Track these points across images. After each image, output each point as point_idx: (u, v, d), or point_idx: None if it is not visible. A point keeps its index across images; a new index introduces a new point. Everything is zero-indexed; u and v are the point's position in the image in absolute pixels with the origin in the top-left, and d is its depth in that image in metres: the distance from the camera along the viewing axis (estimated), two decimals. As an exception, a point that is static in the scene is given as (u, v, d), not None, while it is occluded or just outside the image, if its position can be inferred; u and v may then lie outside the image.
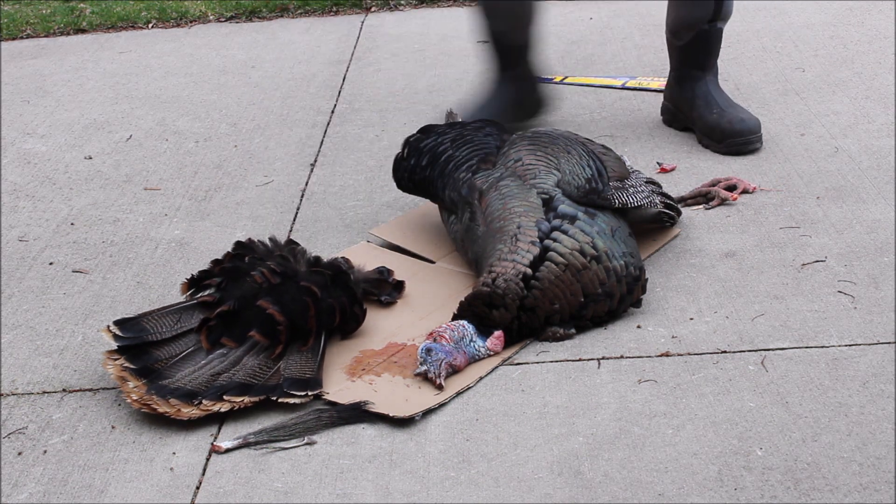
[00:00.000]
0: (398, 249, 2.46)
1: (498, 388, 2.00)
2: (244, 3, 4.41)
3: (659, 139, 2.94)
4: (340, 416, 1.94)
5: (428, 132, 2.51)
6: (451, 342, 2.03)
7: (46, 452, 1.94)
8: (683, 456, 1.79)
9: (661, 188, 2.44)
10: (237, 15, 4.37)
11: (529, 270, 2.08)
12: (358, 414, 1.94)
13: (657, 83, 3.27)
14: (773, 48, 3.51)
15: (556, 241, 2.11)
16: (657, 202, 2.34)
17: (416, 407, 1.94)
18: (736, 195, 2.57)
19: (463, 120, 2.82)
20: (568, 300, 2.10)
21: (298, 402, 1.97)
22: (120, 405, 2.04)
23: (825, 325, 2.09)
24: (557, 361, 2.06)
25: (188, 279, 2.20)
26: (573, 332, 2.12)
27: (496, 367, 2.06)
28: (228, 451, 1.89)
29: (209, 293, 2.15)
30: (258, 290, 2.09)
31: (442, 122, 2.69)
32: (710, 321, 2.13)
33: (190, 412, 1.94)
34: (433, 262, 2.40)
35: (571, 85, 3.33)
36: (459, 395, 1.99)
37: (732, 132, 2.81)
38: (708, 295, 2.22)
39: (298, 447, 1.89)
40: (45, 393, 2.10)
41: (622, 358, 2.05)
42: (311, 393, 1.98)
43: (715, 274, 2.29)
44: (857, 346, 2.03)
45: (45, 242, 2.67)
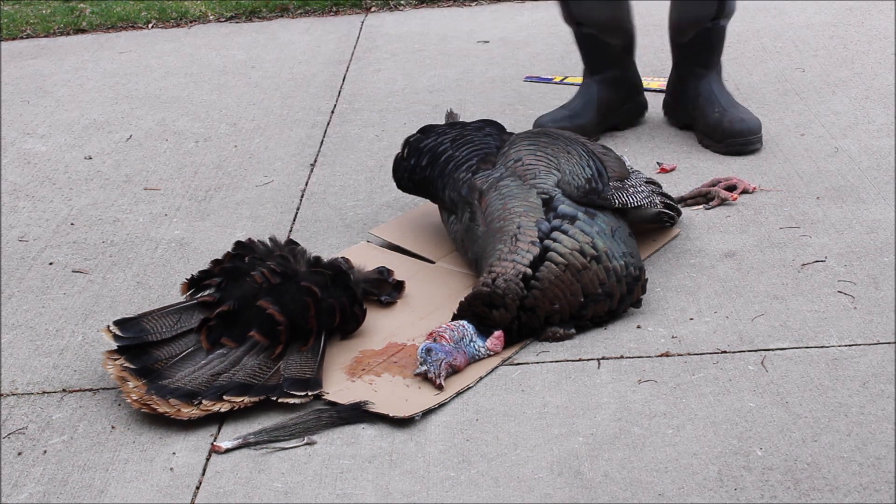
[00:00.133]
0: (398, 249, 2.46)
1: (498, 388, 2.00)
2: (244, 3, 4.41)
3: (659, 139, 2.94)
4: (340, 416, 1.94)
5: (428, 132, 2.51)
6: (451, 342, 2.03)
7: (46, 452, 1.94)
8: (683, 456, 1.79)
9: (661, 188, 2.44)
10: (237, 15, 4.37)
11: (529, 270, 2.08)
12: (358, 414, 1.94)
13: (657, 83, 3.27)
14: (773, 48, 3.51)
15: (556, 241, 2.11)
16: (657, 202, 2.33)
17: (416, 407, 1.94)
18: (736, 195, 2.57)
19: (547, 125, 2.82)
20: (568, 300, 2.10)
21: (298, 402, 1.97)
22: (120, 405, 2.04)
23: (825, 325, 2.09)
24: (557, 361, 2.06)
25: (188, 279, 2.20)
26: (573, 332, 2.12)
27: (496, 367, 2.06)
28: (228, 451, 1.89)
29: (209, 293, 2.15)
30: (258, 290, 2.09)
31: (442, 122, 2.69)
32: (710, 321, 2.13)
33: (190, 412, 1.94)
34: (433, 262, 2.40)
35: (571, 85, 3.32)
36: (459, 395, 1.99)
37: (732, 132, 2.79)
38: (708, 295, 2.22)
39: (298, 447, 1.89)
40: (45, 393, 2.10)
41: (622, 358, 2.05)
42: (311, 393, 1.98)
43: (715, 274, 2.29)
44: (857, 346, 2.03)
45: (45, 242, 2.67)
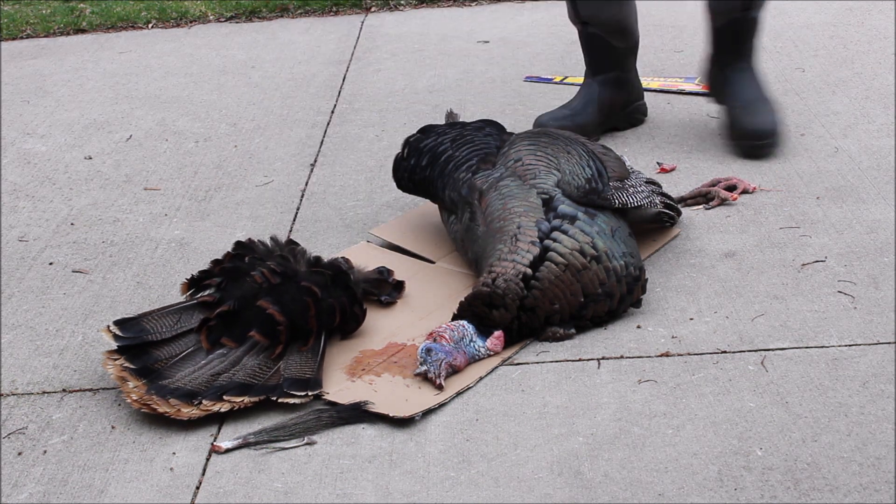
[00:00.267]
0: (398, 249, 2.46)
1: (498, 388, 2.00)
2: (244, 3, 4.41)
3: (659, 139, 2.94)
4: (340, 416, 1.94)
5: (428, 132, 2.51)
6: (451, 342, 2.03)
7: (46, 452, 1.94)
8: (683, 456, 1.79)
9: (661, 188, 2.44)
10: (237, 15, 4.37)
11: (529, 270, 2.08)
12: (358, 414, 1.94)
13: (657, 83, 3.27)
14: (773, 48, 3.51)
15: (556, 241, 2.11)
16: (657, 202, 2.33)
17: (416, 407, 1.94)
18: (736, 195, 2.57)
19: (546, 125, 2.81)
20: (568, 300, 2.10)
21: (298, 402, 1.97)
22: (120, 405, 2.04)
23: (825, 325, 2.09)
24: (557, 361, 2.06)
25: (188, 279, 2.20)
26: (573, 332, 2.12)
27: (496, 367, 2.06)
28: (228, 451, 1.89)
29: (209, 293, 2.15)
30: (258, 290, 2.09)
31: (442, 122, 2.69)
32: (710, 321, 2.13)
33: (190, 412, 1.94)
34: (433, 262, 2.40)
35: (571, 85, 3.32)
36: (459, 395, 1.99)
37: (744, 132, 2.75)
38: (708, 295, 2.22)
39: (298, 447, 1.89)
40: (45, 393, 2.10)
41: (622, 358, 2.05)
42: (311, 393, 1.98)
43: (715, 274, 2.29)
44: (857, 346, 2.03)
45: (45, 242, 2.67)
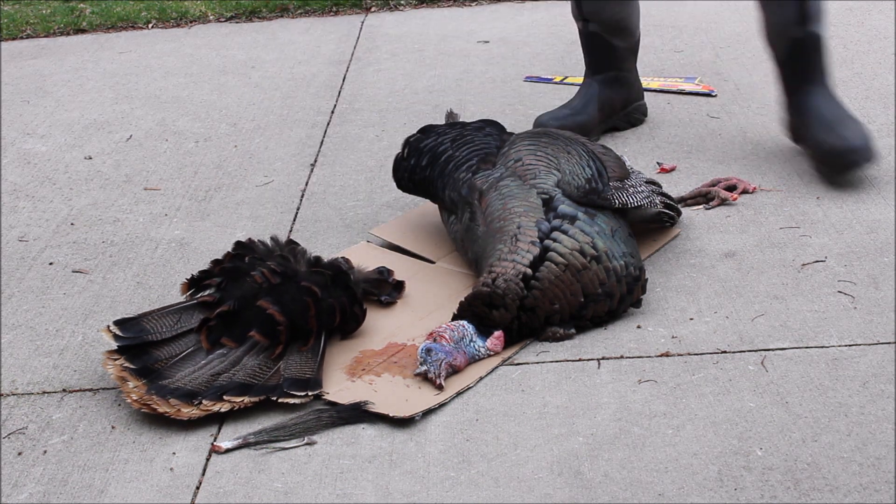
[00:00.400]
0: (398, 249, 2.46)
1: (498, 388, 2.00)
2: (244, 3, 4.41)
3: (659, 139, 2.94)
4: (340, 416, 1.94)
5: (428, 132, 2.51)
6: (451, 342, 2.03)
7: (46, 452, 1.94)
8: (683, 456, 1.79)
9: (661, 188, 2.44)
10: (237, 15, 4.37)
11: (529, 270, 2.08)
12: (358, 414, 1.94)
13: (657, 83, 3.27)
14: (773, 48, 3.51)
15: (556, 241, 2.11)
16: (657, 202, 2.33)
17: (416, 407, 1.94)
18: (736, 195, 2.57)
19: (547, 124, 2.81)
20: (568, 300, 2.10)
21: (298, 402, 1.97)
22: (120, 405, 2.04)
23: (825, 325, 2.09)
24: (557, 361, 2.06)
25: (188, 279, 2.20)
26: (573, 332, 2.12)
27: (496, 367, 2.06)
28: (228, 451, 1.89)
29: (209, 293, 2.15)
30: (258, 290, 2.09)
31: (442, 122, 2.69)
32: (710, 321, 2.13)
33: (190, 412, 1.94)
34: (433, 262, 2.40)
35: (571, 85, 3.32)
36: (459, 395, 1.99)
37: (831, 152, 2.56)
38: (708, 295, 2.22)
39: (298, 447, 1.89)
40: (45, 393, 2.10)
41: (622, 358, 2.05)
42: (311, 393, 1.98)
43: (715, 274, 2.29)
44: (857, 346, 2.03)
45: (45, 242, 2.67)
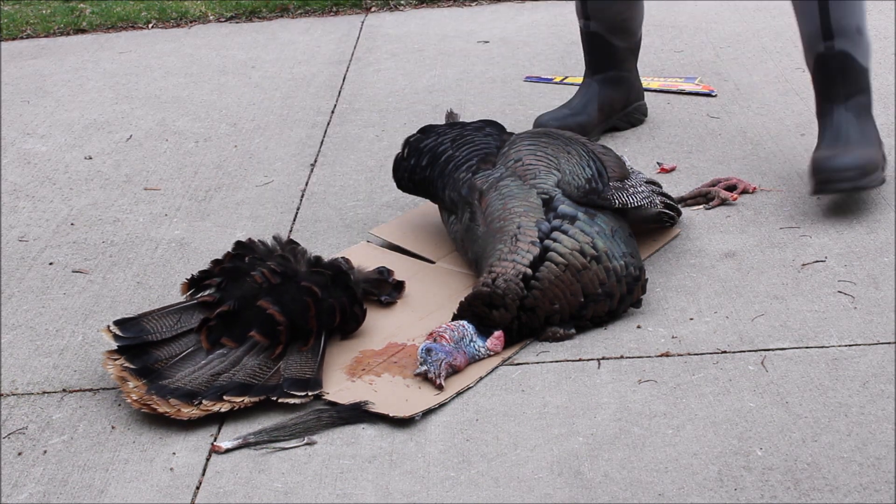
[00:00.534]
0: (398, 249, 2.46)
1: (498, 388, 2.00)
2: (244, 3, 4.41)
3: (659, 139, 2.94)
4: (340, 416, 1.94)
5: (428, 132, 2.51)
6: (451, 342, 2.03)
7: (46, 452, 1.94)
8: (683, 456, 1.79)
9: (661, 188, 2.44)
10: (237, 15, 4.37)
11: (529, 270, 2.08)
12: (358, 414, 1.94)
13: (657, 83, 3.27)
14: (773, 48, 3.51)
15: (556, 241, 2.11)
16: (657, 202, 2.33)
17: (416, 407, 1.94)
18: (736, 195, 2.57)
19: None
20: (568, 300, 2.10)
21: (298, 402, 1.97)
22: (120, 405, 2.04)
23: (825, 325, 2.09)
24: (557, 361, 2.06)
25: (188, 279, 2.20)
26: (573, 332, 2.12)
27: (496, 367, 2.06)
28: (228, 451, 1.89)
29: (209, 293, 2.15)
30: (258, 290, 2.09)
31: (442, 122, 2.69)
32: (710, 321, 2.13)
33: (190, 412, 1.94)
34: (433, 262, 2.40)
35: (571, 85, 3.32)
36: (459, 395, 1.99)
37: (817, 168, 2.44)
38: (708, 295, 2.22)
39: (298, 447, 1.89)
40: (45, 393, 2.10)
41: (622, 358, 2.05)
42: (311, 393, 1.98)
43: (715, 274, 2.29)
44: (857, 346, 2.02)
45: (45, 242, 2.67)
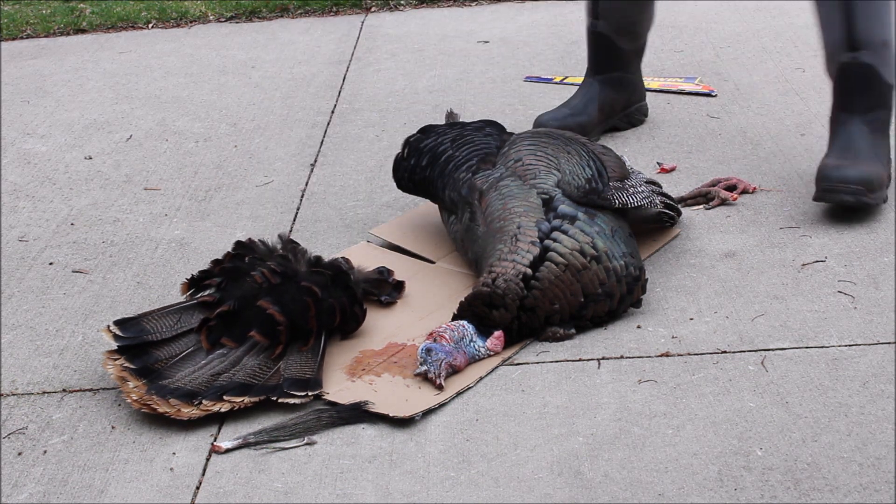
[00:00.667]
0: (398, 249, 2.46)
1: (498, 388, 2.00)
2: (244, 3, 4.41)
3: (659, 139, 2.94)
4: (340, 416, 1.94)
5: (428, 132, 2.51)
6: (451, 342, 2.03)
7: (46, 452, 1.94)
8: (683, 456, 1.79)
9: (661, 188, 2.44)
10: (237, 15, 4.37)
11: (529, 270, 2.08)
12: (358, 414, 1.94)
13: (657, 83, 3.27)
14: (773, 48, 3.51)
15: (556, 241, 2.11)
16: (657, 202, 2.33)
17: (416, 407, 1.94)
18: (736, 195, 2.57)
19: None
20: (568, 300, 2.10)
21: (298, 402, 1.97)
22: (120, 405, 2.04)
23: (825, 325, 2.09)
24: (557, 361, 2.06)
25: (188, 279, 2.20)
26: (573, 332, 2.12)
27: (496, 367, 2.06)
28: (228, 451, 1.89)
29: (209, 293, 2.15)
30: (258, 290, 2.09)
31: (442, 122, 2.69)
32: (710, 321, 2.13)
33: (190, 412, 1.94)
34: (433, 262, 2.40)
35: (571, 85, 3.32)
36: (459, 395, 1.99)
37: (822, 175, 2.44)
38: (708, 295, 2.22)
39: (298, 447, 1.89)
40: (45, 393, 2.10)
41: (622, 358, 2.05)
42: (311, 393, 1.98)
43: (715, 274, 2.29)
44: (857, 346, 2.03)
45: (45, 242, 2.67)
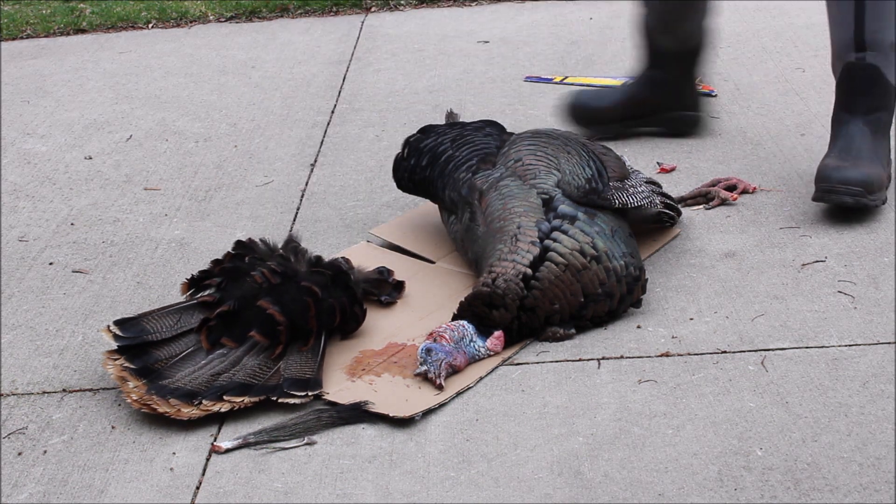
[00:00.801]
0: (398, 249, 2.46)
1: (498, 388, 2.00)
2: (244, 3, 4.41)
3: (659, 139, 2.94)
4: (340, 416, 1.94)
5: (428, 132, 2.51)
6: (451, 342, 2.03)
7: (46, 452, 1.94)
8: (683, 456, 1.79)
9: (661, 188, 2.44)
10: (237, 15, 4.37)
11: (529, 270, 2.08)
12: (358, 414, 1.94)
13: (657, 83, 3.27)
14: (773, 48, 3.51)
15: (556, 241, 2.11)
16: (657, 202, 2.33)
17: (416, 407, 1.94)
18: (736, 195, 2.57)
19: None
20: (568, 300, 2.10)
21: (298, 402, 1.97)
22: (120, 405, 2.04)
23: (825, 325, 2.09)
24: (557, 361, 2.06)
25: (188, 279, 2.20)
26: (573, 332, 2.12)
27: (496, 367, 2.06)
28: (228, 451, 1.89)
29: (209, 293, 2.15)
30: (258, 290, 2.09)
31: (442, 122, 2.69)
32: (710, 321, 2.13)
33: (190, 412, 1.94)
34: (433, 262, 2.40)
35: (571, 85, 3.33)
36: (459, 395, 1.99)
37: (821, 176, 2.44)
38: (708, 295, 2.22)
39: (298, 447, 1.89)
40: (45, 393, 2.10)
41: (622, 358, 2.05)
42: (311, 393, 1.98)
43: (715, 274, 2.29)
44: (857, 346, 2.02)
45: (45, 242, 2.67)
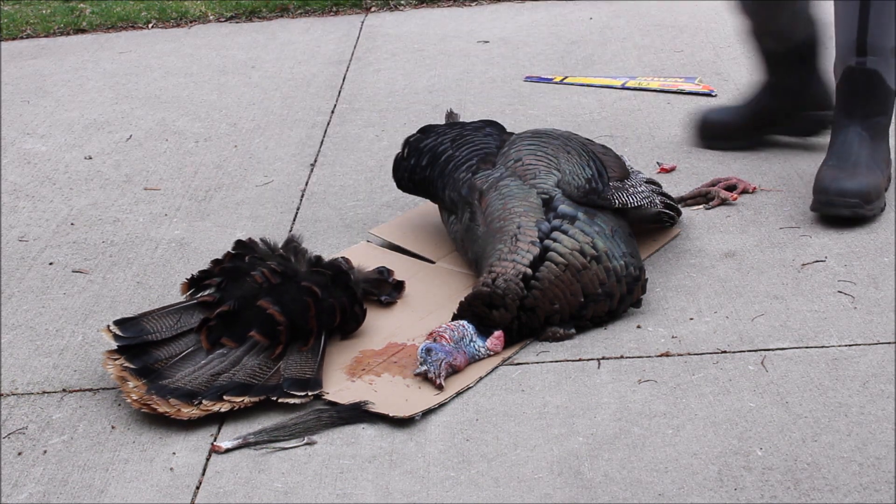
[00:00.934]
0: (398, 249, 2.46)
1: (498, 388, 2.00)
2: (244, 3, 4.41)
3: (659, 139, 2.94)
4: (340, 416, 1.94)
5: (428, 132, 2.51)
6: (451, 342, 2.03)
7: (46, 452, 1.94)
8: (683, 456, 1.79)
9: (661, 188, 2.44)
10: (237, 15, 4.38)
11: (529, 270, 2.08)
12: (358, 414, 1.94)
13: (657, 83, 3.27)
14: (773, 48, 3.51)
15: (556, 241, 2.11)
16: (657, 202, 2.33)
17: (416, 407, 1.94)
18: (736, 195, 2.57)
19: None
20: (568, 300, 2.10)
21: (298, 402, 1.97)
22: (120, 405, 2.04)
23: (825, 325, 2.09)
24: (557, 361, 2.06)
25: (188, 279, 2.20)
26: (573, 332, 2.12)
27: (496, 367, 2.06)
28: (228, 451, 1.89)
29: (209, 293, 2.15)
30: (258, 290, 2.09)
31: (442, 122, 2.69)
32: (710, 321, 2.13)
33: (190, 412, 1.94)
34: (433, 262, 2.40)
35: (571, 85, 3.33)
36: (459, 395, 1.99)
37: (819, 187, 2.43)
38: (708, 295, 2.22)
39: (298, 447, 1.89)
40: (45, 393, 2.10)
41: (622, 358, 2.05)
42: (311, 393, 1.98)
43: (715, 274, 2.29)
44: (857, 346, 2.03)
45: (45, 242, 2.67)
